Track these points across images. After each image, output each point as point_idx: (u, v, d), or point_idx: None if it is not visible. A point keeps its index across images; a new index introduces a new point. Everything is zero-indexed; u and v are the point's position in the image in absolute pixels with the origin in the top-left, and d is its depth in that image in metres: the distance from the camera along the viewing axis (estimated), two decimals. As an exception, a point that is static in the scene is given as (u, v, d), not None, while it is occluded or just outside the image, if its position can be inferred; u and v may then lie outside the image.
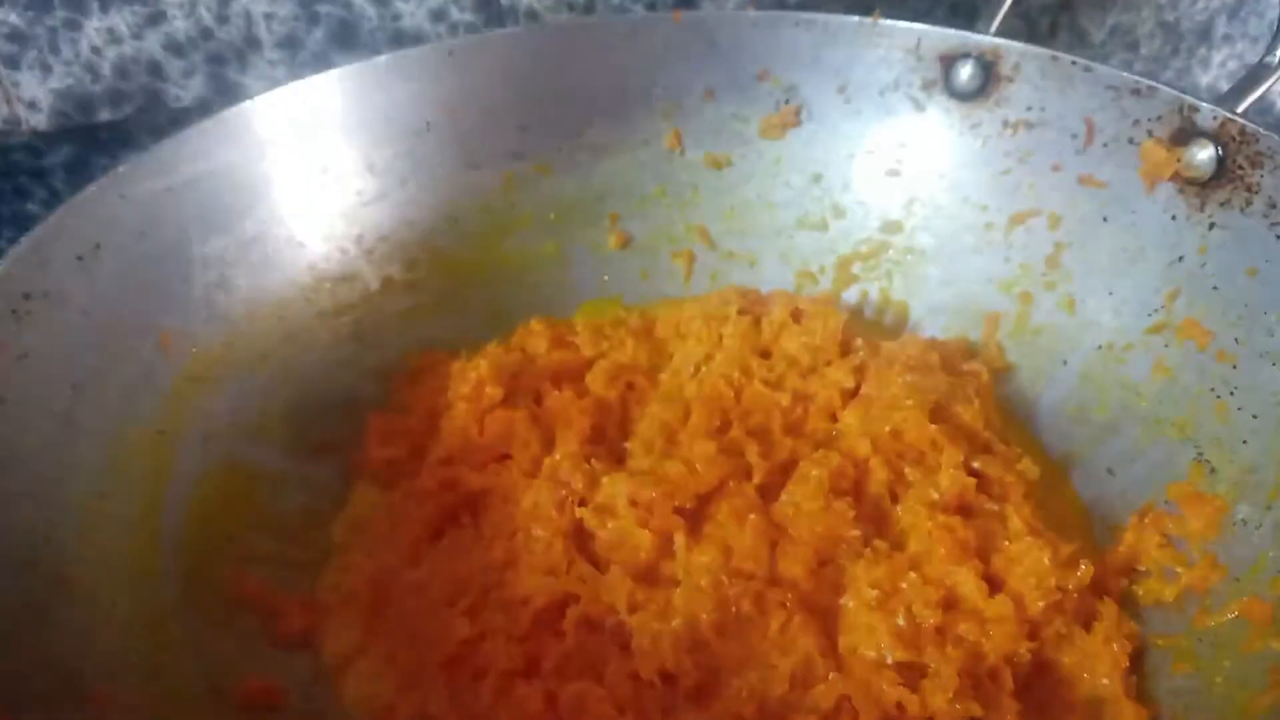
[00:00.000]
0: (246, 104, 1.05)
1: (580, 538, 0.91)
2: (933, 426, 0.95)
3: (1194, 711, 0.78)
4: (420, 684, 0.84)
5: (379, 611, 0.90)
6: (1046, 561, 0.84)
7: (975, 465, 0.95)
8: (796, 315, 1.10)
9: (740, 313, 1.10)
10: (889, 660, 0.80)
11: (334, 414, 1.07)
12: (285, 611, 0.90)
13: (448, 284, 1.17)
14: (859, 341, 1.08)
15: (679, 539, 0.88)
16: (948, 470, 0.92)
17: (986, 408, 1.02)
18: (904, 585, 0.84)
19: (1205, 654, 0.81)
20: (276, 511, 0.98)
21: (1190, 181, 0.97)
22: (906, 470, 0.94)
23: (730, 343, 1.08)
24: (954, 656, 0.80)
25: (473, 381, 1.00)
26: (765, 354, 1.08)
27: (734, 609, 0.84)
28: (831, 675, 0.80)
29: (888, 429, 0.95)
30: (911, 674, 0.80)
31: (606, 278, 1.23)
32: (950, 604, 0.84)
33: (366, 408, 1.07)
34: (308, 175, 1.10)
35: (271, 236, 1.08)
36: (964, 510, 0.91)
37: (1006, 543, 0.88)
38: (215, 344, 1.01)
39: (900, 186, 1.19)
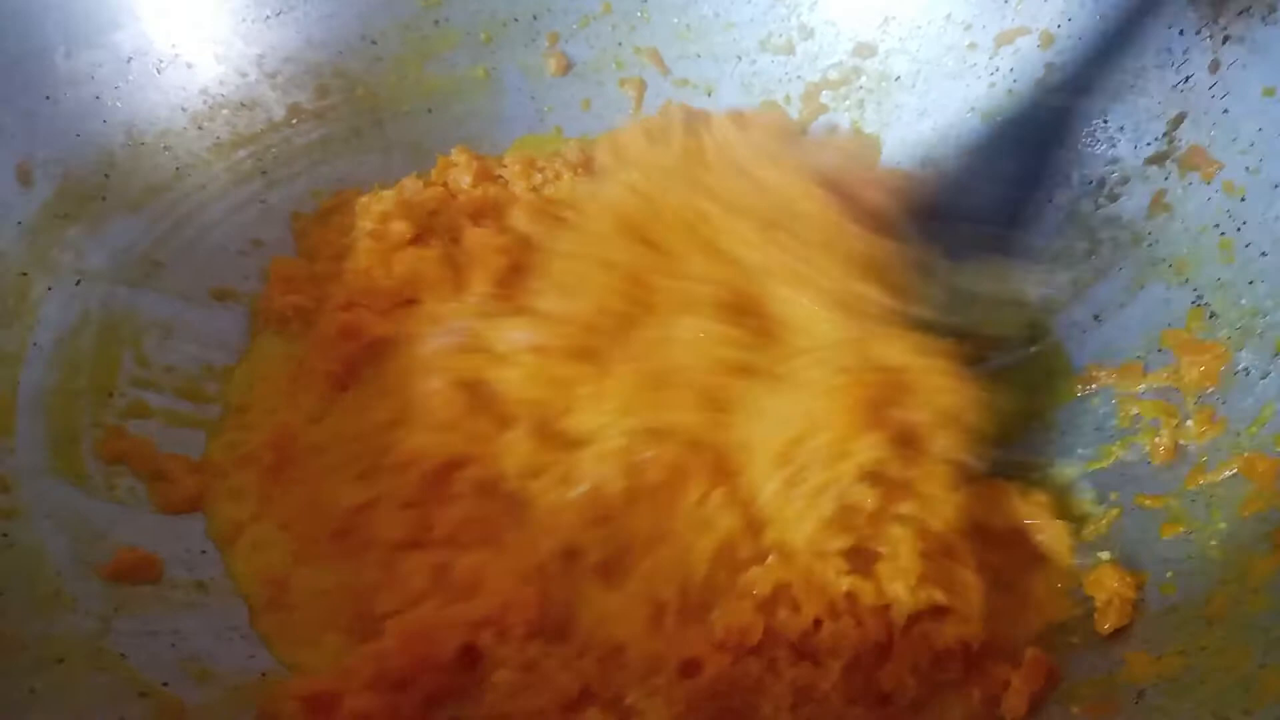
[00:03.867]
0: (112, -108, 0.90)
1: (481, 389, 0.80)
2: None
3: (1184, 578, 0.70)
4: (313, 556, 0.75)
5: (277, 475, 0.81)
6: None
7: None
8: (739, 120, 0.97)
9: (687, 133, 0.97)
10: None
11: (232, 258, 0.96)
12: (171, 474, 0.80)
13: (363, 114, 1.05)
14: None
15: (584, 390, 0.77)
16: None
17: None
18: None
19: (1198, 515, 0.73)
20: (164, 365, 0.88)
21: (1204, -13, 0.84)
22: None
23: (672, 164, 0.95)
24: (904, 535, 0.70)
25: (378, 216, 0.89)
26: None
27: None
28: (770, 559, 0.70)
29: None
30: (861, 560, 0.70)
31: (545, 108, 1.10)
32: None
33: (270, 251, 0.97)
34: (194, -17, 0.96)
35: (154, 54, 0.95)
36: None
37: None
38: (89, 176, 0.89)
39: (874, 3, 1.05)
